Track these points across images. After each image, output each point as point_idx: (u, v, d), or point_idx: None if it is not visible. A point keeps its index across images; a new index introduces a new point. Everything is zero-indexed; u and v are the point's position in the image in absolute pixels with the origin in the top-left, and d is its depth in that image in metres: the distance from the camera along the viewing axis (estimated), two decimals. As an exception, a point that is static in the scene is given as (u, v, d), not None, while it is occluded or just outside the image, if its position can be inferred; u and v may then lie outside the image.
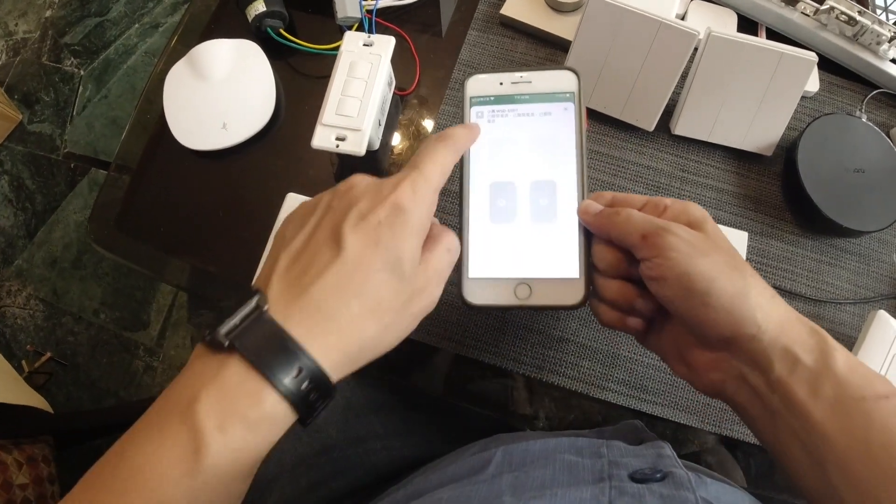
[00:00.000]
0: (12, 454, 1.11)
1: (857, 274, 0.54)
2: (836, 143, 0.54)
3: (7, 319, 1.45)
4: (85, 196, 1.52)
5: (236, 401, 0.27)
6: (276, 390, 0.27)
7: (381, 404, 0.53)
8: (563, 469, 0.35)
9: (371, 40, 0.52)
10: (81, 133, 1.58)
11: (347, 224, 0.30)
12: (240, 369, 0.27)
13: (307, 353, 0.28)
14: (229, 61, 0.58)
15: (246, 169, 0.57)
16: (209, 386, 0.27)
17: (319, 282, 0.29)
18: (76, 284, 1.46)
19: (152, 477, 0.25)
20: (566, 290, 0.38)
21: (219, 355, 0.28)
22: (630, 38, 0.51)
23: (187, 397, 0.27)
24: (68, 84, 1.63)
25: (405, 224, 0.31)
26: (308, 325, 0.29)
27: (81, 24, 1.68)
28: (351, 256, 0.30)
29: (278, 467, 0.50)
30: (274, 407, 0.27)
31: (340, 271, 0.29)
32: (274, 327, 0.28)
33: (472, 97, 0.42)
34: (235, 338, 0.27)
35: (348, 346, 0.29)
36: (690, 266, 0.32)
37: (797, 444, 0.31)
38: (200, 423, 0.26)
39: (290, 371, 0.27)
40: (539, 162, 0.41)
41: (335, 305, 0.29)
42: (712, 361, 0.34)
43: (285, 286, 0.30)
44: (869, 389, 0.30)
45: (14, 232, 1.51)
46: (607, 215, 0.36)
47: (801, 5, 0.59)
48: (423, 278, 0.32)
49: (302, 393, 0.28)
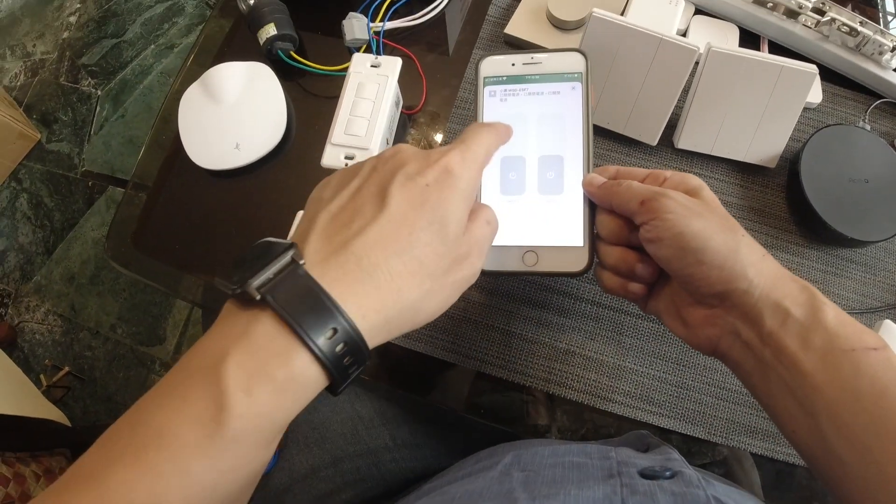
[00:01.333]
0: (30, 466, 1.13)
1: (862, 284, 0.54)
2: (839, 154, 0.54)
3: (26, 335, 1.48)
4: (102, 213, 1.56)
5: (265, 360, 0.25)
6: (307, 350, 0.25)
7: (391, 417, 0.54)
8: (572, 468, 0.35)
9: (378, 61, 0.54)
10: (99, 152, 1.61)
11: (395, 183, 0.29)
12: (270, 326, 0.25)
13: (343, 312, 0.26)
14: (242, 83, 0.59)
15: (258, 188, 0.58)
16: (237, 344, 0.25)
17: (361, 237, 0.28)
18: (93, 300, 1.48)
19: (172, 438, 0.24)
20: (571, 258, 0.41)
21: (249, 311, 0.26)
22: (631, 54, 0.52)
23: (213, 356, 0.25)
24: (85, 104, 1.67)
25: (453, 188, 0.30)
26: (346, 282, 0.27)
27: (98, 45, 1.73)
28: (396, 214, 0.29)
29: (289, 478, 0.51)
30: (305, 369, 0.26)
31: (384, 228, 0.28)
32: (309, 282, 0.26)
33: (485, 77, 0.45)
34: (267, 291, 0.26)
35: (387, 309, 0.28)
36: (685, 226, 0.34)
37: (789, 396, 0.32)
38: (225, 383, 0.24)
39: (324, 330, 0.26)
40: (548, 138, 0.43)
41: (375, 263, 0.27)
42: (707, 318, 0.36)
43: (324, 242, 0.28)
44: (858, 342, 0.30)
45: (33, 249, 1.55)
46: (609, 186, 0.39)
47: (802, 18, 0.59)
48: (466, 246, 0.32)
49: (335, 355, 0.26)
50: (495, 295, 0.52)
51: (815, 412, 0.30)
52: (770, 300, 0.33)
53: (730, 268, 0.33)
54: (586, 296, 0.52)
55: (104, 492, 0.23)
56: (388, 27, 0.61)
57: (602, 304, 0.52)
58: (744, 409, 0.49)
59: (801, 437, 0.32)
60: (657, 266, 0.37)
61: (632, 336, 0.51)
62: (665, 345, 0.51)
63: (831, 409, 0.30)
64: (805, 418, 0.31)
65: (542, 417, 0.51)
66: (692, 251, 0.33)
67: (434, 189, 0.30)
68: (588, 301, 0.52)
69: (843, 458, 0.29)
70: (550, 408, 0.51)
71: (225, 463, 0.25)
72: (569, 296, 0.52)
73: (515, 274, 0.43)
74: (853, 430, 0.29)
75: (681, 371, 0.50)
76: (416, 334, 0.51)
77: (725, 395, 0.50)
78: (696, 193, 0.37)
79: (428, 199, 0.29)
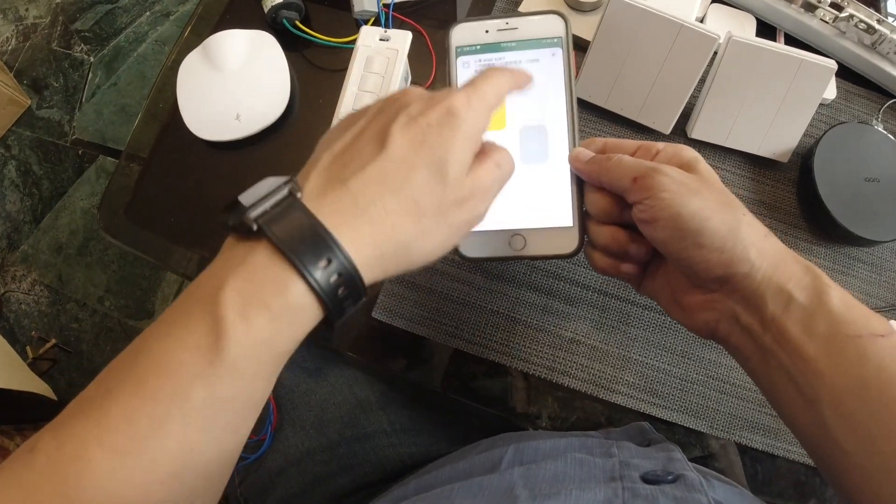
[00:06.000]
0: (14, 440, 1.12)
1: (869, 283, 0.54)
2: (852, 152, 0.53)
3: (12, 305, 1.45)
4: (92, 183, 1.52)
5: (260, 288, 0.25)
6: (302, 279, 0.25)
7: (389, 401, 0.53)
8: (574, 465, 0.34)
9: (388, 35, 0.52)
10: (90, 120, 1.58)
11: (396, 124, 0.29)
12: (266, 256, 0.26)
13: (338, 243, 0.26)
14: (244, 52, 0.57)
15: (258, 161, 0.56)
16: (234, 273, 0.25)
17: (359, 175, 0.28)
18: (81, 271, 1.46)
19: (171, 367, 0.24)
20: (560, 240, 0.39)
21: (247, 242, 0.27)
22: (649, 39, 0.51)
23: (212, 285, 0.25)
24: (78, 70, 1.63)
25: (456, 128, 0.29)
26: (342, 216, 0.27)
27: (92, 11, 1.68)
28: (394, 153, 0.28)
29: (285, 460, 0.50)
30: (300, 298, 0.26)
31: (381, 166, 0.28)
32: (305, 214, 0.27)
33: (457, 47, 0.41)
34: (265, 222, 0.26)
35: (382, 243, 0.28)
36: (682, 206, 0.32)
37: (790, 384, 0.31)
38: (222, 310, 0.25)
39: (319, 261, 0.26)
40: (529, 110, 0.40)
41: (371, 199, 0.28)
42: (706, 302, 0.34)
43: (323, 180, 0.29)
44: (864, 327, 0.29)
45: (20, 217, 1.52)
46: (598, 161, 0.36)
47: (820, 12, 0.58)
48: (468, 188, 0.30)
49: (330, 286, 0.26)
50: (500, 280, 0.51)
51: (817, 400, 0.29)
52: (773, 283, 0.31)
53: (730, 250, 0.31)
54: (593, 284, 0.51)
55: (104, 419, 0.24)
56: (398, 0, 0.59)
57: (609, 294, 0.51)
58: (746, 404, 0.49)
59: (802, 425, 0.31)
60: (651, 245, 0.36)
61: (638, 327, 0.50)
62: (671, 337, 0.50)
63: (834, 396, 0.29)
64: (806, 406, 0.30)
65: (535, 404, 0.50)
66: (690, 233, 0.32)
67: (435, 130, 0.29)
68: (595, 290, 0.51)
69: (845, 448, 0.29)
70: (543, 394, 0.50)
71: (224, 391, 0.25)
72: (575, 283, 0.51)
73: (503, 259, 0.41)
74: (857, 418, 0.28)
75: (685, 364, 0.50)
76: (419, 317, 0.50)
77: (729, 390, 0.49)
78: (692, 167, 0.34)
79: (427, 139, 0.29)
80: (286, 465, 0.50)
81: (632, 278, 0.38)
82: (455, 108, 0.30)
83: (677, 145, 0.36)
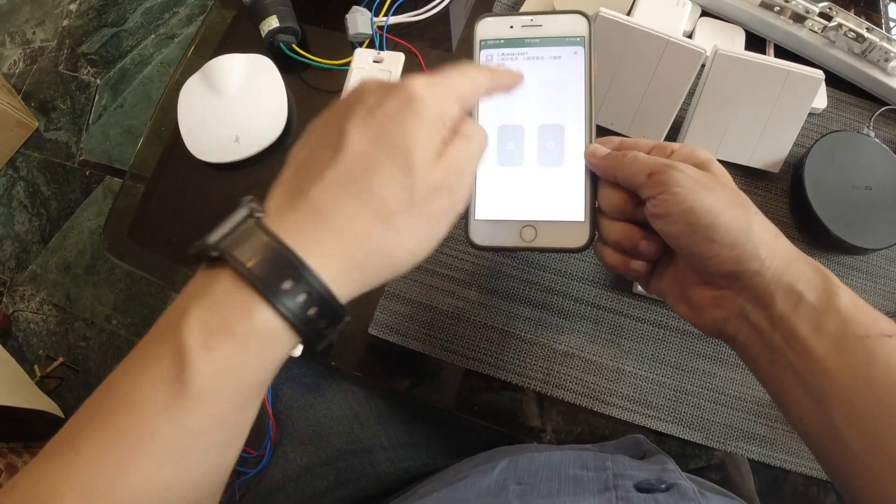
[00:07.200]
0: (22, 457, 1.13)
1: (864, 291, 0.54)
2: (843, 161, 0.54)
3: (20, 324, 1.47)
4: (99, 203, 1.55)
5: (224, 315, 0.24)
6: (266, 303, 0.24)
7: (386, 416, 0.53)
8: (568, 481, 0.35)
9: (381, 56, 0.53)
10: (97, 141, 1.60)
11: (353, 120, 0.28)
12: (229, 282, 0.25)
13: (301, 260, 0.25)
14: (242, 75, 0.59)
15: (257, 182, 0.58)
16: (198, 301, 0.25)
17: (318, 183, 0.27)
18: (89, 290, 1.48)
19: (137, 402, 0.23)
20: (571, 233, 0.39)
21: (211, 269, 0.26)
22: (637, 55, 0.52)
23: (176, 316, 0.25)
24: (84, 93, 1.66)
25: (416, 114, 0.28)
26: (305, 229, 0.26)
27: (98, 34, 1.71)
28: (353, 152, 0.27)
29: (283, 475, 0.51)
30: (267, 323, 0.25)
31: (340, 168, 0.27)
32: (266, 233, 0.25)
33: (482, 40, 0.42)
34: (225, 247, 0.25)
35: (353, 253, 0.26)
36: (695, 201, 0.32)
37: (798, 383, 0.31)
38: (185, 340, 0.24)
39: (283, 281, 0.24)
40: (548, 106, 0.41)
41: (332, 207, 0.26)
42: (714, 299, 0.34)
43: (285, 193, 0.28)
44: (873, 328, 0.29)
45: (29, 237, 1.54)
46: (613, 157, 0.37)
47: (809, 22, 0.59)
48: (441, 173, 0.28)
49: (299, 307, 0.25)
50: (494, 295, 0.52)
51: (826, 399, 0.29)
52: (782, 282, 0.31)
53: (741, 246, 0.31)
54: (586, 298, 0.52)
55: (75, 458, 0.23)
56: (391, 22, 0.60)
57: (602, 307, 0.52)
58: (742, 414, 0.49)
59: (809, 425, 0.31)
60: (662, 242, 0.36)
61: (631, 339, 0.51)
62: (664, 349, 0.51)
63: (842, 396, 0.29)
64: (814, 405, 0.30)
65: (537, 419, 0.50)
66: (702, 228, 0.32)
67: (394, 119, 0.28)
68: (588, 303, 0.52)
69: (852, 448, 0.29)
70: (545, 409, 0.50)
71: (193, 424, 0.24)
72: (569, 297, 0.52)
73: (513, 250, 0.41)
74: (864, 418, 0.28)
75: (679, 375, 0.50)
76: (414, 333, 0.51)
77: (724, 401, 0.49)
78: (706, 167, 0.35)
79: (386, 130, 0.27)
80: (285, 481, 0.50)
81: (641, 276, 0.38)
82: (413, 93, 0.28)
83: (693, 146, 0.36)
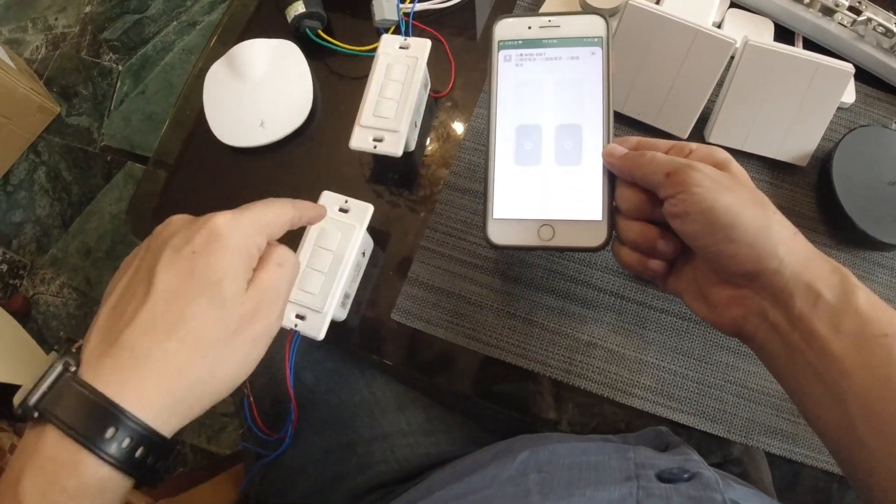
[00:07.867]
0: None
1: (889, 288, 0.53)
2: (871, 156, 0.53)
3: (40, 306, 1.49)
4: (120, 189, 1.56)
5: (54, 474, 0.25)
6: (92, 454, 0.26)
7: (407, 402, 0.54)
8: (589, 469, 0.35)
9: (408, 43, 0.53)
10: (118, 127, 1.61)
11: (162, 260, 0.29)
12: (54, 439, 0.26)
13: (119, 407, 0.26)
14: (268, 61, 0.59)
15: (282, 166, 0.58)
16: (30, 462, 0.26)
17: (132, 326, 0.28)
18: (109, 274, 1.49)
19: None
20: (588, 233, 0.39)
21: (39, 426, 0.26)
22: (666, 45, 0.51)
23: (13, 479, 0.26)
24: (106, 79, 1.67)
25: (222, 248, 0.29)
26: (121, 372, 0.27)
27: (120, 21, 1.72)
28: (163, 291, 0.28)
29: (304, 459, 0.51)
30: (95, 473, 0.26)
31: (152, 310, 0.28)
32: (82, 386, 0.26)
33: (500, 41, 0.43)
34: (45, 406, 0.26)
35: (172, 388, 0.28)
36: (715, 200, 0.32)
37: (816, 381, 0.31)
38: (22, 502, 0.25)
39: (104, 431, 0.26)
40: (565, 106, 0.41)
41: (148, 349, 0.27)
42: (733, 298, 0.34)
43: (100, 339, 0.28)
44: (891, 327, 0.29)
45: (50, 221, 1.56)
46: (632, 157, 0.37)
47: (838, 16, 0.58)
48: (254, 301, 0.30)
49: (124, 452, 0.26)
50: (518, 283, 0.52)
51: (844, 398, 0.29)
52: (801, 281, 0.31)
53: (761, 245, 0.32)
54: (610, 288, 0.52)
55: None
56: (417, 9, 0.60)
57: (626, 297, 0.52)
58: (764, 408, 0.49)
59: (827, 424, 0.31)
60: (679, 242, 0.36)
61: (655, 331, 0.51)
62: (688, 341, 0.50)
63: (861, 395, 0.29)
64: (832, 404, 0.30)
65: (553, 410, 0.50)
66: (721, 227, 0.32)
67: (201, 255, 0.29)
68: (612, 293, 0.52)
69: (870, 447, 0.29)
70: (561, 401, 0.51)
71: None
72: (592, 287, 0.52)
73: (530, 248, 0.41)
74: (883, 417, 0.28)
75: (702, 368, 0.50)
76: (437, 319, 0.51)
77: (746, 394, 0.49)
78: (725, 167, 0.35)
79: (195, 266, 0.29)
80: (306, 464, 0.51)
81: (658, 275, 0.38)
82: (217, 228, 0.30)
83: (711, 146, 0.36)
